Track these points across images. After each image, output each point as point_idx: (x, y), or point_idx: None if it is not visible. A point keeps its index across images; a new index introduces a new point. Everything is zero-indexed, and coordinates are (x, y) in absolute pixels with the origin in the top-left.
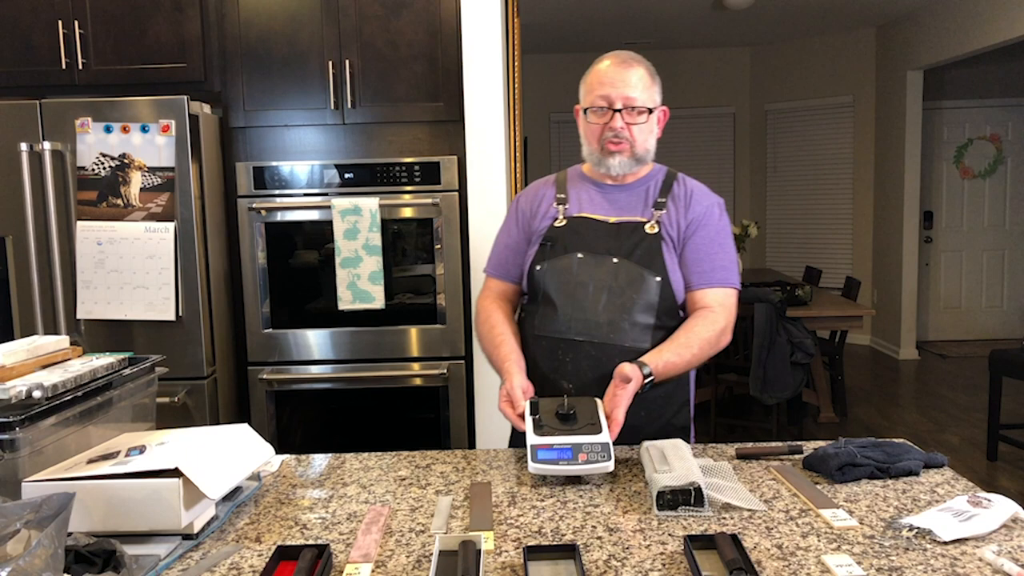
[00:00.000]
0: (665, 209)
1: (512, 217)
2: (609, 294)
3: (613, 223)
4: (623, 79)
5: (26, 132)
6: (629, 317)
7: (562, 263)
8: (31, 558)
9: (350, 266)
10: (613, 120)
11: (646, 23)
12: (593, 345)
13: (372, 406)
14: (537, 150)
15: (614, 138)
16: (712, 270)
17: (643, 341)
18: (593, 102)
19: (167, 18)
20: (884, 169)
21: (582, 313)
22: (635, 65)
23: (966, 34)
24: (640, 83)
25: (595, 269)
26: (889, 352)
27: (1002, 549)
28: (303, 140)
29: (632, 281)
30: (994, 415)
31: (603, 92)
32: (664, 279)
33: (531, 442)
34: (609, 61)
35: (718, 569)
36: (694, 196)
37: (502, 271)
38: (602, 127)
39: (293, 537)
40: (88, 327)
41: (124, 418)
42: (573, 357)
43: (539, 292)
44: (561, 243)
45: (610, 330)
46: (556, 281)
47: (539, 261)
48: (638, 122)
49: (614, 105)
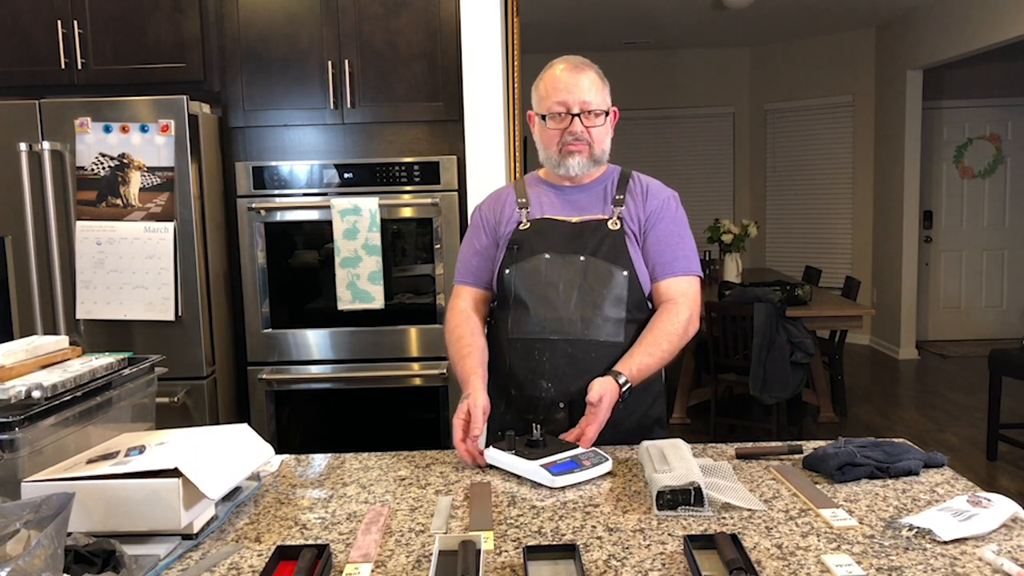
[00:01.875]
0: (624, 205)
1: (477, 226)
2: (579, 291)
3: (575, 222)
4: (577, 84)
5: (25, 132)
6: (601, 312)
7: (530, 265)
8: (31, 558)
9: (350, 266)
10: (572, 124)
11: (646, 23)
12: (568, 343)
13: (372, 406)
14: (536, 150)
15: (574, 141)
16: (674, 260)
17: (616, 335)
18: (551, 108)
19: (166, 18)
20: (884, 169)
21: (555, 312)
22: (586, 70)
23: (966, 34)
24: (593, 87)
25: (563, 268)
26: (889, 352)
27: (1002, 549)
28: (302, 140)
29: (600, 277)
30: (994, 415)
31: (560, 98)
32: (631, 272)
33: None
34: (562, 66)
35: (718, 569)
36: (650, 190)
37: (474, 278)
38: (561, 132)
39: (293, 537)
40: (87, 327)
41: (124, 418)
42: (550, 356)
43: (510, 295)
44: (528, 245)
45: (584, 327)
46: (526, 283)
47: (507, 265)
48: (596, 124)
49: (572, 110)
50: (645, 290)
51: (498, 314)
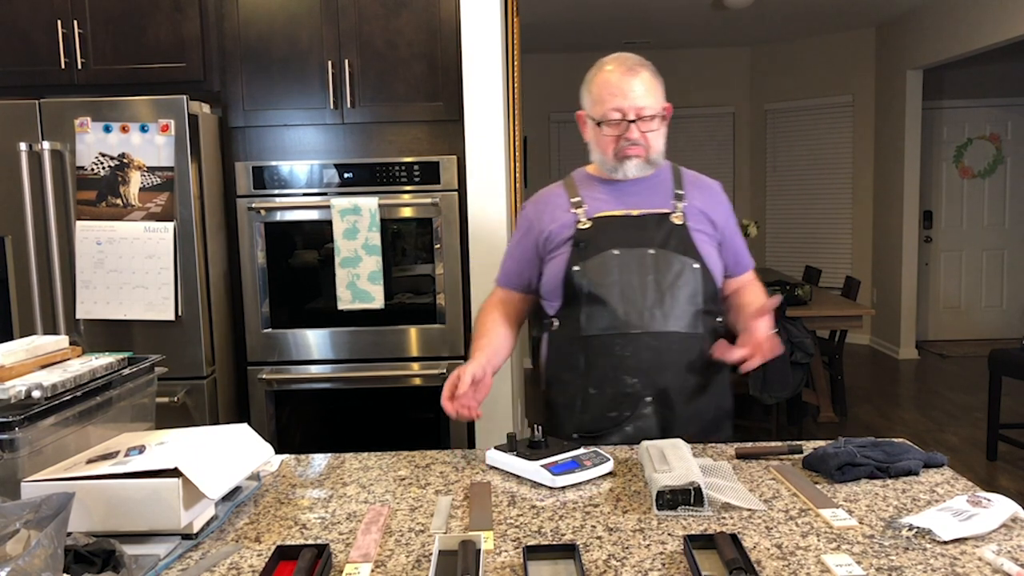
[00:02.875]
0: (685, 200)
1: (521, 228)
2: (655, 284)
3: (637, 215)
4: (632, 88)
5: (25, 132)
6: (678, 304)
7: (599, 261)
8: (30, 558)
9: (349, 266)
10: (629, 131)
11: (646, 23)
12: (651, 335)
13: (372, 406)
14: (537, 150)
15: (630, 146)
16: (743, 256)
17: (696, 327)
18: (606, 114)
19: (166, 18)
20: (884, 169)
21: (634, 306)
22: (639, 70)
23: (966, 34)
24: (648, 89)
25: (633, 262)
26: (889, 352)
27: (1002, 549)
28: (302, 140)
29: (673, 270)
30: (994, 415)
31: (615, 104)
32: (703, 265)
33: (540, 464)
34: (613, 68)
35: (718, 569)
36: (709, 187)
37: (507, 280)
38: (617, 138)
39: (293, 537)
40: (87, 327)
41: (123, 418)
42: (634, 350)
43: (580, 293)
44: (593, 243)
45: (664, 319)
46: (597, 279)
47: (575, 262)
48: (652, 129)
49: (628, 117)
50: (718, 284)
51: (565, 314)
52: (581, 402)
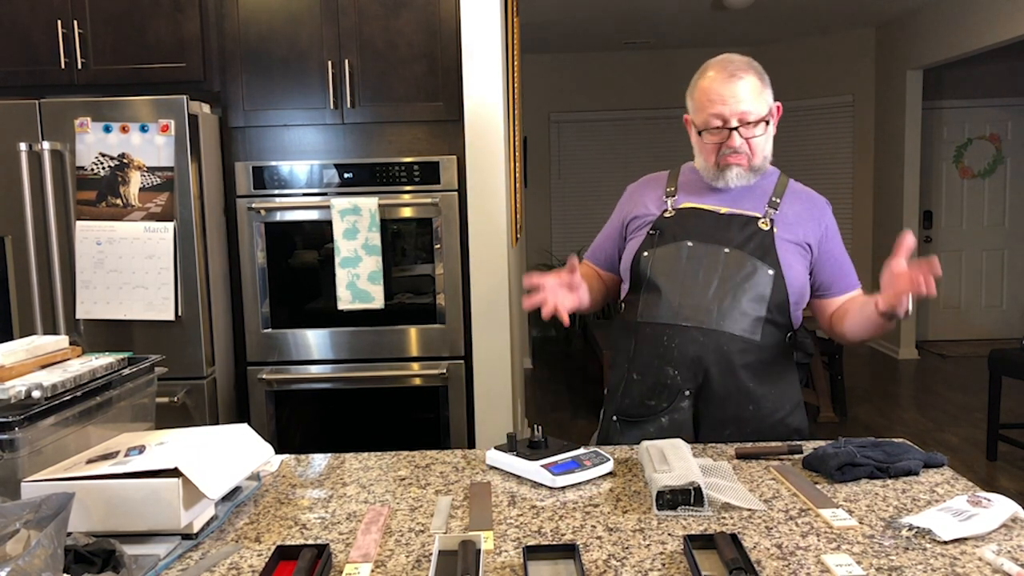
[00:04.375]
0: (779, 209)
1: (618, 205)
2: (719, 281)
3: (724, 213)
4: (733, 94)
5: (25, 132)
6: (739, 306)
7: (670, 251)
8: (30, 558)
9: (349, 266)
10: (731, 139)
11: (646, 23)
12: (701, 331)
13: (372, 406)
14: (537, 150)
15: (732, 154)
16: (846, 276)
17: (753, 332)
18: (707, 122)
19: (166, 18)
20: (884, 169)
21: (690, 299)
22: (742, 74)
23: (966, 34)
24: (751, 94)
25: (705, 258)
26: (889, 352)
27: (1002, 549)
28: (302, 140)
29: (744, 270)
30: (994, 415)
31: (715, 111)
32: (778, 273)
33: (541, 464)
34: (715, 73)
35: (718, 569)
36: (813, 205)
37: (596, 255)
38: (718, 145)
39: (293, 537)
40: (87, 327)
41: (123, 418)
42: (679, 343)
43: (643, 279)
44: (670, 232)
45: (720, 317)
46: (663, 268)
47: (646, 248)
48: (755, 135)
49: (729, 123)
50: (792, 295)
51: (630, 298)
52: (624, 386)
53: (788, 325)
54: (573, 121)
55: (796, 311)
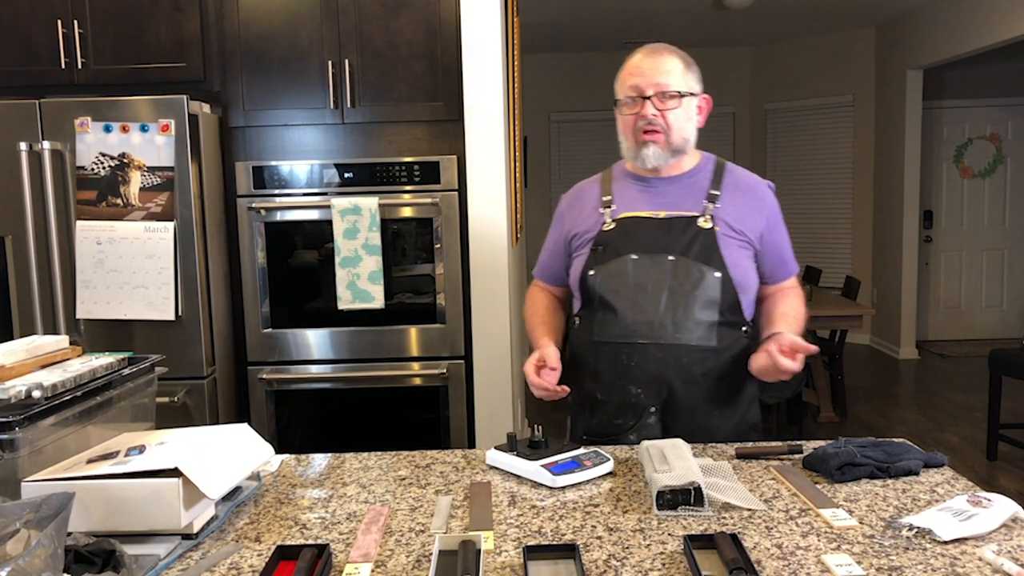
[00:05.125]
0: (718, 202)
1: (555, 219)
2: (669, 293)
3: (663, 218)
4: (653, 67)
5: (25, 132)
6: (692, 315)
7: (616, 266)
8: (31, 558)
9: (350, 266)
10: (644, 108)
11: (646, 23)
12: (659, 347)
13: (372, 406)
14: (537, 150)
15: (647, 126)
16: (785, 264)
17: (709, 339)
18: (625, 94)
19: (166, 18)
20: (884, 169)
21: (644, 315)
22: (666, 54)
23: (966, 34)
24: (673, 70)
25: (652, 269)
26: (889, 352)
27: (1002, 549)
28: (302, 140)
29: (691, 278)
30: (994, 415)
31: (632, 82)
32: (724, 275)
33: (541, 464)
34: (641, 54)
35: (718, 569)
36: (753, 192)
37: (544, 274)
38: (635, 117)
39: (293, 537)
40: (88, 327)
41: (124, 418)
42: (639, 360)
43: (594, 298)
44: (612, 247)
45: (675, 330)
46: (612, 285)
47: (591, 267)
48: (670, 107)
49: (644, 92)
50: (741, 293)
51: (583, 315)
52: (591, 406)
53: (742, 321)
54: (573, 121)
55: (748, 304)
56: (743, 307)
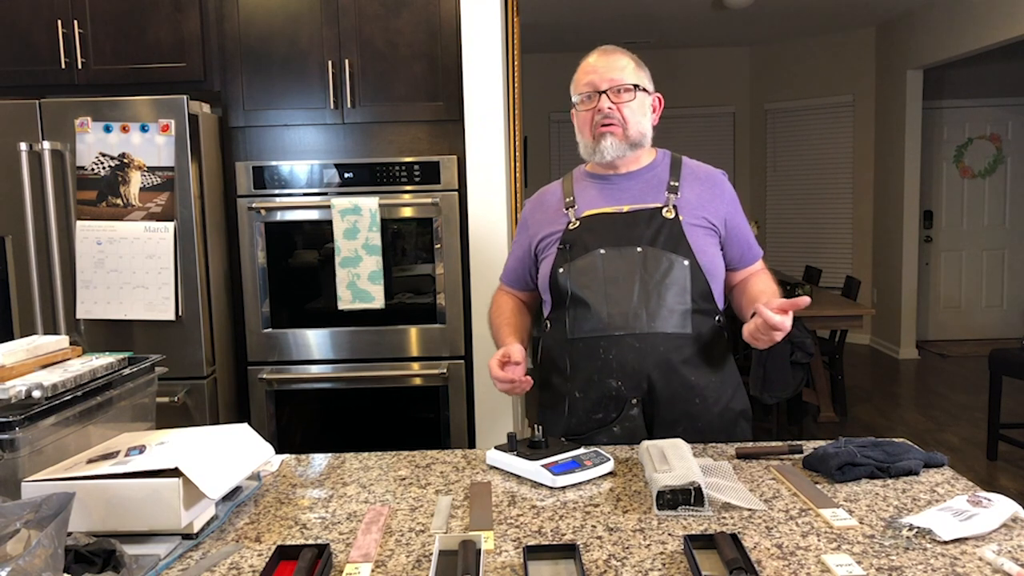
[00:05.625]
0: (679, 193)
1: (520, 226)
2: (640, 283)
3: (627, 211)
4: (606, 64)
5: (26, 132)
6: (665, 304)
7: (585, 262)
8: (31, 558)
9: (350, 266)
10: (600, 102)
11: (646, 23)
12: (635, 337)
13: (372, 406)
14: (537, 150)
15: (604, 120)
16: (751, 247)
17: (683, 326)
18: (580, 91)
19: (166, 18)
20: (884, 168)
21: (618, 307)
22: (619, 53)
23: (966, 34)
24: (626, 67)
25: (620, 261)
26: (889, 352)
27: (1002, 549)
28: (303, 140)
29: (660, 267)
30: (994, 415)
31: (587, 80)
32: (692, 262)
33: (541, 464)
34: (595, 54)
35: (718, 569)
36: (712, 181)
37: (509, 278)
38: (592, 113)
39: (293, 537)
40: (88, 327)
41: (124, 418)
42: (616, 353)
43: (566, 295)
44: (580, 243)
45: (650, 320)
46: (583, 280)
47: (560, 264)
48: (625, 100)
49: (599, 88)
50: (710, 280)
51: (554, 316)
52: (568, 406)
53: (714, 309)
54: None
55: (718, 292)
56: (715, 295)
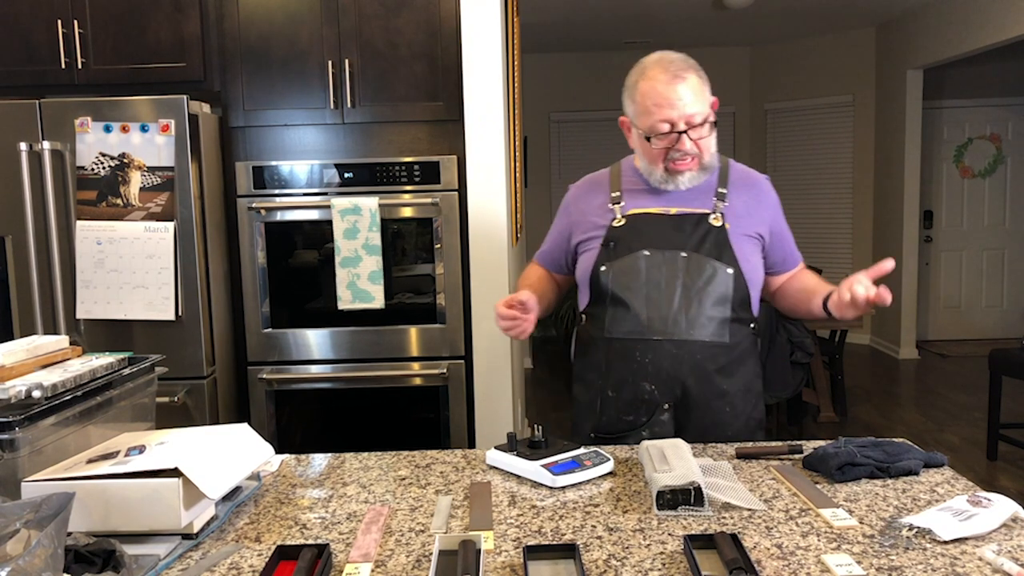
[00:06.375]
0: (727, 200)
1: (562, 209)
2: (683, 289)
3: (674, 214)
4: (679, 97)
5: (26, 132)
6: (705, 311)
7: (627, 263)
8: (31, 558)
9: (350, 266)
10: (681, 143)
11: (646, 23)
12: (673, 343)
13: (372, 406)
14: (537, 150)
15: (682, 157)
16: (793, 252)
17: (721, 335)
18: (654, 127)
19: (167, 18)
20: (884, 168)
21: (658, 311)
22: (684, 75)
23: (966, 34)
24: (695, 95)
25: (664, 265)
26: (889, 352)
27: (1002, 548)
28: (303, 140)
29: (704, 274)
30: (994, 415)
31: (663, 116)
32: (736, 271)
33: (541, 464)
34: (657, 74)
35: (718, 569)
36: (757, 187)
37: (543, 258)
38: (666, 150)
39: (293, 537)
40: (88, 327)
41: (124, 418)
42: (653, 357)
43: (606, 294)
44: (624, 242)
45: (688, 326)
46: (624, 281)
47: (602, 262)
48: (703, 136)
49: (677, 128)
50: (751, 288)
51: (592, 312)
52: (600, 403)
53: (751, 317)
54: (573, 121)
55: (755, 300)
56: (752, 303)
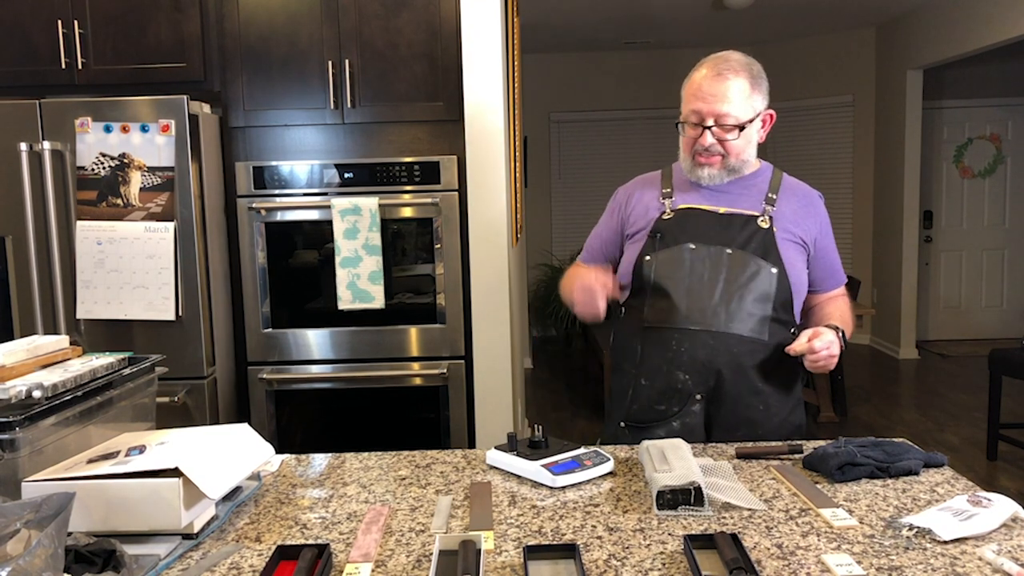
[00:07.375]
0: (776, 206)
1: (611, 208)
2: (724, 283)
3: (723, 213)
4: (717, 93)
5: (26, 132)
6: (745, 307)
7: (672, 254)
8: (31, 558)
9: (350, 266)
10: (703, 137)
11: (646, 23)
12: (710, 334)
13: (372, 406)
14: (537, 150)
15: (703, 152)
16: (835, 273)
17: (760, 332)
18: (686, 116)
19: (167, 18)
20: (884, 169)
21: (699, 303)
22: (732, 76)
23: (966, 34)
24: (737, 95)
25: (708, 259)
26: (889, 352)
27: (1002, 548)
28: (303, 140)
29: (748, 271)
30: (994, 414)
31: (695, 106)
32: (781, 271)
33: (541, 464)
34: (705, 71)
35: (718, 569)
36: (808, 200)
37: (589, 257)
38: (693, 140)
39: (293, 537)
40: (88, 327)
41: (124, 418)
42: (689, 347)
43: (648, 284)
44: (671, 234)
45: (728, 319)
46: (667, 272)
47: (648, 252)
48: (729, 138)
49: (704, 122)
50: (794, 292)
51: (631, 302)
52: (632, 391)
53: (792, 321)
54: (573, 121)
55: (798, 306)
56: (794, 307)
